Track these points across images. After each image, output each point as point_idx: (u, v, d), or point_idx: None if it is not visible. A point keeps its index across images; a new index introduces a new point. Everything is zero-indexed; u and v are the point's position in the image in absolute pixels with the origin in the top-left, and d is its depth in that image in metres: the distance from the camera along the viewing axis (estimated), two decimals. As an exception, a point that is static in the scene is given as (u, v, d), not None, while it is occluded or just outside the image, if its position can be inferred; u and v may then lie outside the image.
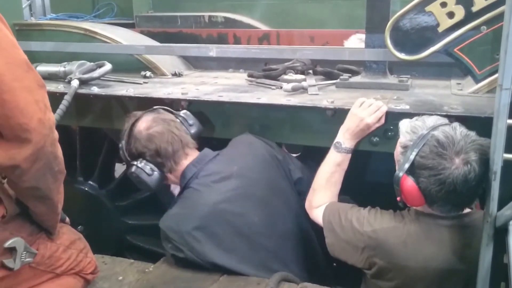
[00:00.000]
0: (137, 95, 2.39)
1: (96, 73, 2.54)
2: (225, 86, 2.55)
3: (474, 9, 1.95)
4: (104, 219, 3.03)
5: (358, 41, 2.69)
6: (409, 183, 1.63)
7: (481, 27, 1.96)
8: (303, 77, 2.51)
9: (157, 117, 2.14)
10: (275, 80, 2.53)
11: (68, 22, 3.39)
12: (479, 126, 1.65)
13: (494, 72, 1.99)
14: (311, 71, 2.67)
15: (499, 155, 1.43)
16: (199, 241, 1.94)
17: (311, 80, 2.45)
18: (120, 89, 2.48)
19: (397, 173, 1.66)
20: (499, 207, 1.45)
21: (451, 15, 1.99)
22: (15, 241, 1.59)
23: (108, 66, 2.58)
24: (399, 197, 1.70)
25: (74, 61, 2.67)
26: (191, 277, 2.00)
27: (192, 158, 2.12)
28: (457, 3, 1.97)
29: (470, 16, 1.96)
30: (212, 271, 2.02)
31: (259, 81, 2.57)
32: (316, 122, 2.13)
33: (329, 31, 3.18)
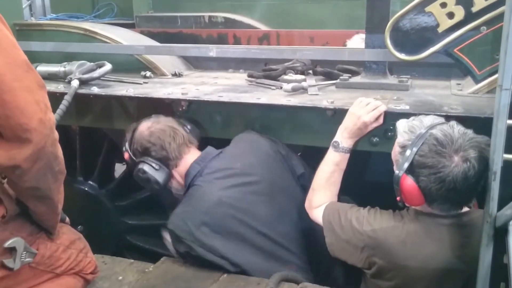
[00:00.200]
0: (137, 95, 2.39)
1: (96, 73, 2.54)
2: (225, 86, 2.55)
3: (474, 9, 1.95)
4: (104, 219, 3.02)
5: (361, 41, 2.68)
6: (408, 182, 1.63)
7: (481, 28, 1.96)
8: (303, 77, 2.51)
9: (156, 119, 2.22)
10: (275, 80, 2.53)
11: (68, 22, 3.39)
12: (479, 126, 1.65)
13: (494, 72, 1.99)
14: (311, 71, 2.67)
15: (499, 156, 1.43)
16: (208, 236, 1.96)
17: (311, 80, 2.45)
18: (120, 89, 2.48)
19: (397, 172, 1.66)
20: (499, 207, 1.46)
21: (451, 15, 1.99)
22: (15, 241, 1.59)
23: (108, 66, 2.58)
24: (399, 197, 1.70)
25: (74, 61, 2.67)
26: (191, 277, 2.00)
27: (195, 156, 2.16)
28: (457, 3, 1.97)
29: (470, 16, 1.97)
30: (212, 270, 2.02)
31: (259, 81, 2.57)
32: (316, 122, 2.13)
33: (329, 32, 3.18)
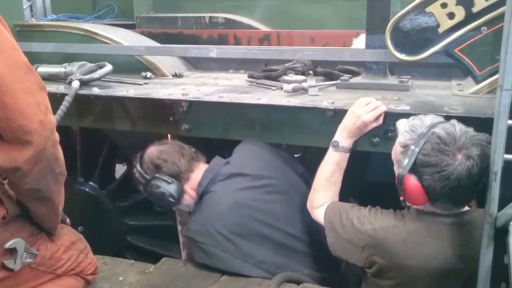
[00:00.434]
0: (137, 96, 2.39)
1: (96, 74, 2.54)
2: (225, 87, 2.55)
3: (474, 9, 1.95)
4: (104, 220, 3.03)
5: None
6: (412, 181, 1.63)
7: (482, 28, 1.96)
8: (303, 78, 2.51)
9: (161, 142, 2.31)
10: (276, 81, 2.53)
11: (68, 23, 3.39)
12: (480, 126, 1.65)
13: (494, 72, 1.99)
14: (311, 72, 2.66)
15: (499, 156, 1.43)
16: (230, 239, 2.02)
17: (312, 81, 2.45)
18: (120, 90, 2.48)
19: (400, 172, 1.65)
20: (500, 207, 1.45)
21: (451, 15, 1.99)
22: (16, 242, 1.59)
23: (108, 67, 2.58)
24: (402, 197, 1.69)
25: (74, 62, 2.67)
26: (192, 278, 2.00)
27: (205, 167, 2.23)
28: (458, 3, 1.97)
29: (470, 16, 1.96)
30: (212, 271, 2.02)
31: (259, 82, 2.57)
32: (316, 122, 2.12)
33: (329, 32, 3.18)
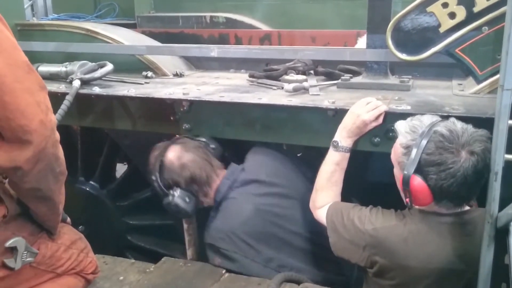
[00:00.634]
0: (138, 96, 2.39)
1: (97, 73, 2.54)
2: (226, 86, 2.55)
3: (475, 9, 1.94)
4: (105, 219, 3.03)
5: None
6: (418, 182, 1.61)
7: (483, 28, 1.96)
8: (304, 77, 2.50)
9: (183, 146, 2.26)
10: (277, 80, 2.52)
11: (69, 22, 3.39)
12: (481, 126, 1.65)
13: (495, 72, 1.98)
14: (312, 72, 2.66)
15: (500, 156, 1.43)
16: (251, 245, 2.08)
17: (312, 80, 2.45)
18: (121, 89, 2.48)
19: (406, 174, 1.63)
20: (500, 207, 1.45)
21: (452, 15, 1.99)
22: (16, 240, 1.60)
23: (109, 66, 2.58)
24: (408, 199, 1.67)
25: (75, 61, 2.67)
26: (192, 277, 2.01)
27: (222, 173, 2.26)
28: (459, 3, 1.96)
29: (471, 16, 1.96)
30: (213, 270, 2.02)
31: (260, 81, 2.57)
32: (317, 122, 2.12)
33: (330, 32, 3.17)
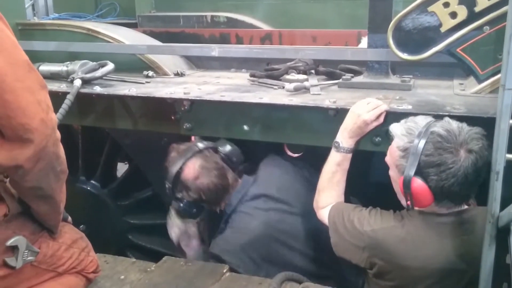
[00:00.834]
0: (139, 95, 2.39)
1: (98, 73, 2.54)
2: (227, 86, 2.55)
3: (477, 9, 1.94)
4: (106, 218, 3.03)
5: None
6: (419, 184, 1.61)
7: (484, 27, 1.95)
8: (305, 77, 2.50)
9: (203, 164, 2.24)
10: (277, 80, 2.52)
11: (70, 21, 3.39)
12: (482, 126, 1.65)
13: (496, 72, 1.98)
14: (313, 71, 2.66)
15: (502, 156, 1.43)
16: (255, 262, 2.10)
17: (313, 80, 2.45)
18: (122, 89, 2.48)
19: (406, 176, 1.62)
20: (502, 207, 1.45)
21: (453, 15, 1.99)
22: (17, 239, 1.60)
23: (110, 65, 2.58)
24: (408, 201, 1.67)
25: (76, 61, 2.67)
26: (193, 276, 2.00)
27: (235, 188, 2.27)
28: (460, 3, 1.96)
29: (472, 16, 1.96)
30: (214, 270, 2.02)
31: (261, 81, 2.57)
32: (318, 122, 2.12)
33: (331, 31, 3.17)
